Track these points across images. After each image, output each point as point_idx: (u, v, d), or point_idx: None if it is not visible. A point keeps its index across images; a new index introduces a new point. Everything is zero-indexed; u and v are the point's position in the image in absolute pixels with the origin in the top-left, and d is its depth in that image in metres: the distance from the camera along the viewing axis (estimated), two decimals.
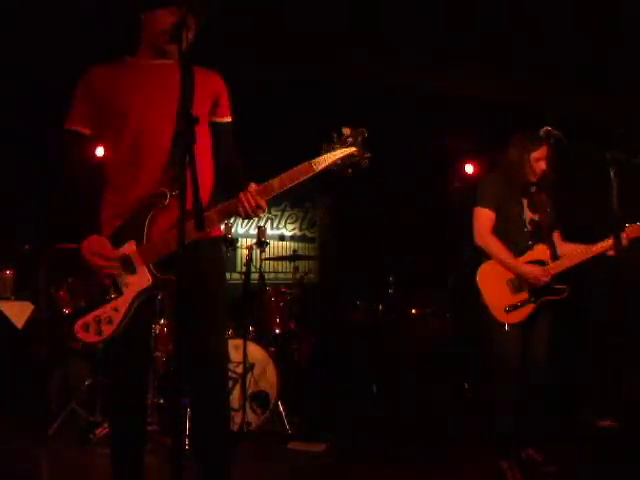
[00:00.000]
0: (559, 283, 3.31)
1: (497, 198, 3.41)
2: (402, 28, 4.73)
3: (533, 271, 3.27)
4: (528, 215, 3.42)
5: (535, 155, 3.37)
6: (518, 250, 3.35)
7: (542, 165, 3.39)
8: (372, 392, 5.38)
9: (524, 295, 3.29)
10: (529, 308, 3.28)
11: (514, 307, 3.27)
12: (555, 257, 3.37)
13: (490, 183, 3.48)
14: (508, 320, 3.26)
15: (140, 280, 2.14)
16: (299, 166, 2.14)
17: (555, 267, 3.31)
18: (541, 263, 3.32)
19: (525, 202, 3.44)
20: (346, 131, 2.16)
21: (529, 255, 3.35)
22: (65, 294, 2.16)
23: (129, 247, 2.15)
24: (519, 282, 3.30)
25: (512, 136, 3.48)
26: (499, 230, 3.39)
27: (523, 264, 3.31)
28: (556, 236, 3.51)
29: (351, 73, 5.25)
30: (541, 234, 3.41)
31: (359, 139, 2.16)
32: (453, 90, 5.41)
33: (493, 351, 3.35)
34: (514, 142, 3.45)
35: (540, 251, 3.36)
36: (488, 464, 3.26)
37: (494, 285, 3.32)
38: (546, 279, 3.26)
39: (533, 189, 3.45)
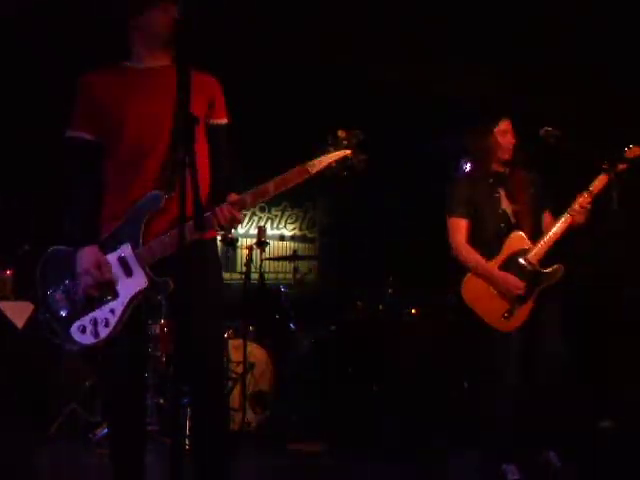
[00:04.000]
0: (547, 267, 3.09)
1: (468, 201, 3.19)
2: (402, 28, 4.74)
3: (506, 281, 3.05)
4: (507, 209, 3.19)
5: (499, 129, 3.15)
6: (497, 250, 3.13)
7: (510, 138, 3.15)
8: (372, 392, 5.38)
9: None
10: (528, 306, 3.07)
11: (511, 311, 3.06)
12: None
13: (458, 187, 3.26)
14: (510, 327, 3.06)
15: (136, 282, 2.14)
16: (294, 169, 2.14)
17: (537, 253, 3.07)
18: (522, 252, 3.09)
19: (502, 193, 3.20)
20: (341, 133, 2.17)
21: (505, 250, 3.11)
22: (62, 296, 2.16)
23: (125, 249, 2.15)
24: None
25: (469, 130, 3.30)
26: (476, 234, 3.18)
27: (496, 272, 3.08)
28: (546, 217, 3.24)
29: (350, 73, 5.25)
30: (520, 223, 3.16)
31: (354, 141, 2.16)
32: (453, 90, 5.41)
33: (494, 365, 3.14)
34: (473, 132, 3.26)
35: (515, 240, 3.12)
36: (488, 465, 3.26)
37: (483, 296, 3.10)
38: (519, 291, 3.04)
39: (507, 171, 3.21)
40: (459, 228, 3.19)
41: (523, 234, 3.14)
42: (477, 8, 4.41)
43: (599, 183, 3.07)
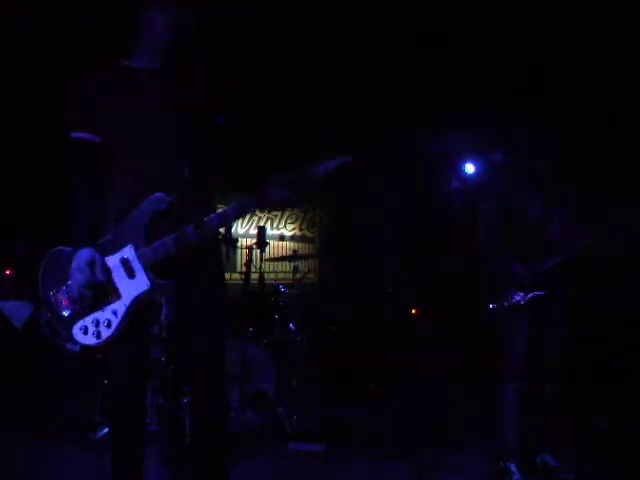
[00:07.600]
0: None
1: (501, 196, 3.36)
2: (401, 28, 4.74)
3: (517, 273, 3.20)
4: (535, 211, 3.34)
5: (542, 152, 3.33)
6: (521, 248, 3.27)
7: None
8: (372, 392, 5.38)
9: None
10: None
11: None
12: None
13: (494, 182, 3.47)
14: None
15: (138, 284, 2.14)
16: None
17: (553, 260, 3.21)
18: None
19: (535, 197, 3.35)
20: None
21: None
22: (64, 296, 2.15)
23: (128, 251, 2.15)
24: None
25: (521, 133, 3.46)
26: (503, 228, 3.32)
27: (512, 264, 3.22)
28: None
29: (350, 74, 5.25)
30: (546, 230, 3.33)
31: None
32: (453, 89, 5.41)
33: (500, 349, 3.29)
34: (523, 139, 3.44)
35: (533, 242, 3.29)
36: (488, 465, 3.26)
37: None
38: (527, 288, 3.18)
39: (544, 183, 3.37)
40: (487, 215, 3.39)
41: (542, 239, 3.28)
42: (477, 8, 4.42)
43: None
